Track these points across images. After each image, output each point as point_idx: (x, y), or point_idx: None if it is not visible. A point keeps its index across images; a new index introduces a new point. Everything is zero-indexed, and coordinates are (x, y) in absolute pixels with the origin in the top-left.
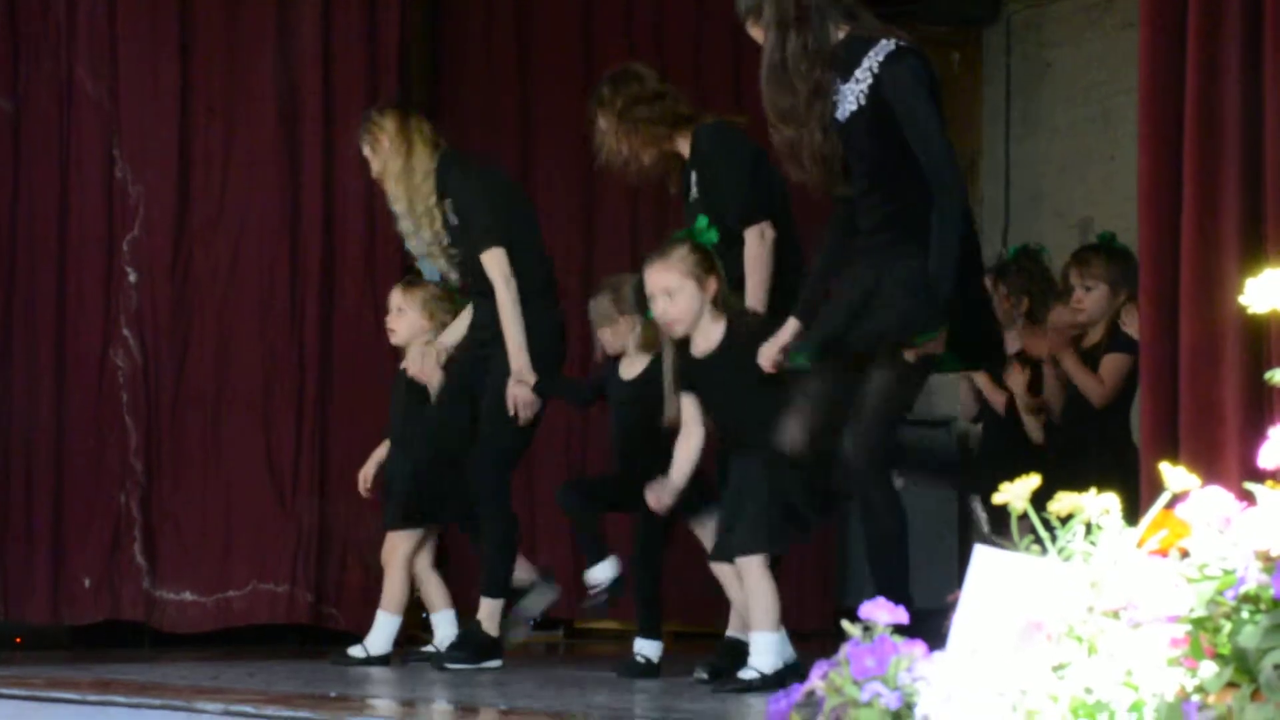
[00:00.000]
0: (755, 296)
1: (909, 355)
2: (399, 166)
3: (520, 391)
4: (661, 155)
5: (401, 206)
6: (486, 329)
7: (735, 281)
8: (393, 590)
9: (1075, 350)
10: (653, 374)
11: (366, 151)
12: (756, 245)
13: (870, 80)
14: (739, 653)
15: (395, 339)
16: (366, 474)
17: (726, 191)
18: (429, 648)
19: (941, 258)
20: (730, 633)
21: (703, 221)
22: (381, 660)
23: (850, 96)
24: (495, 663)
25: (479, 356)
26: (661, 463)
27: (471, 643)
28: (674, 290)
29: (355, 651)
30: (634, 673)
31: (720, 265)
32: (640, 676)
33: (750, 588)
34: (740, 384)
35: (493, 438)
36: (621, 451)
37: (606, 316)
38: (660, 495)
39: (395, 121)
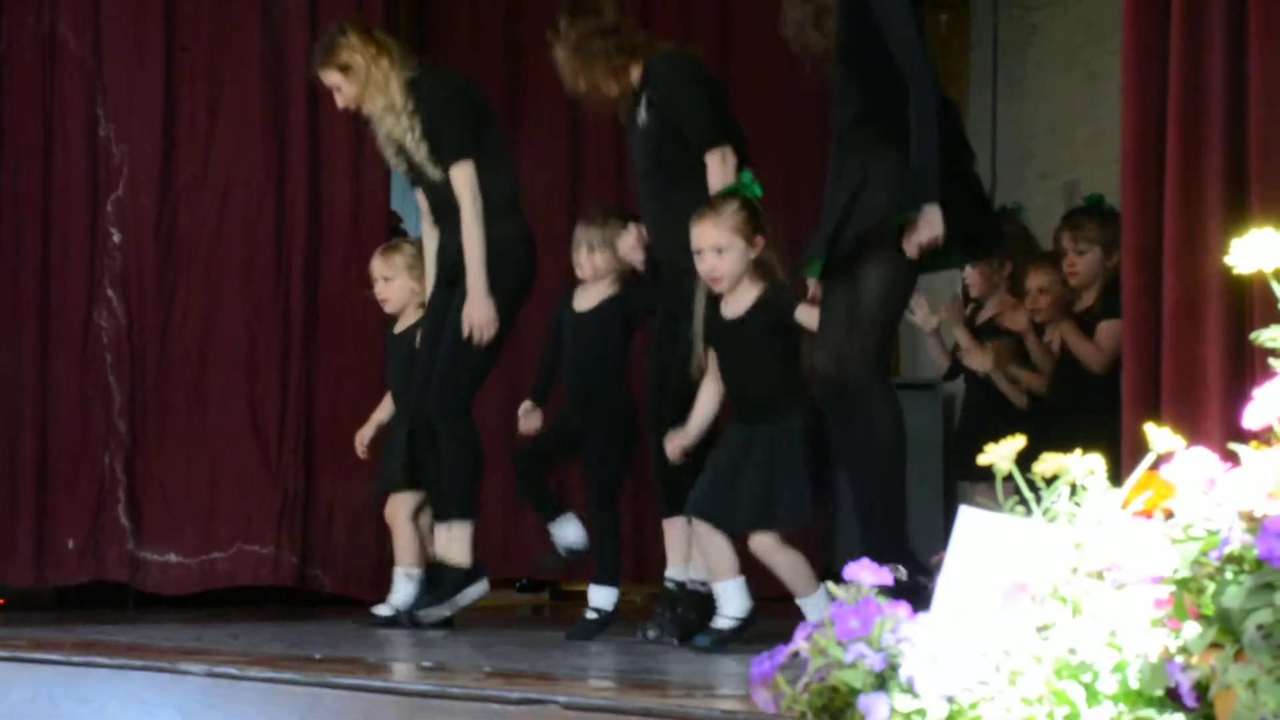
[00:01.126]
0: None
1: (908, 248)
2: (379, 74)
3: (477, 312)
4: (620, 87)
5: (379, 110)
6: (449, 253)
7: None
8: (404, 546)
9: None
10: (606, 310)
11: (335, 78)
12: (719, 169)
13: None
14: (686, 599)
15: (389, 307)
16: (364, 436)
17: (687, 115)
18: (382, 608)
19: (922, 146)
20: (669, 574)
21: (747, 176)
22: (420, 622)
23: None
24: (478, 588)
25: (448, 297)
26: (610, 398)
27: (436, 587)
28: (724, 247)
29: (381, 610)
30: (589, 632)
31: (767, 224)
32: (598, 631)
33: (779, 565)
34: (757, 355)
35: (452, 357)
36: (571, 382)
37: (607, 243)
38: (677, 444)
39: (361, 36)
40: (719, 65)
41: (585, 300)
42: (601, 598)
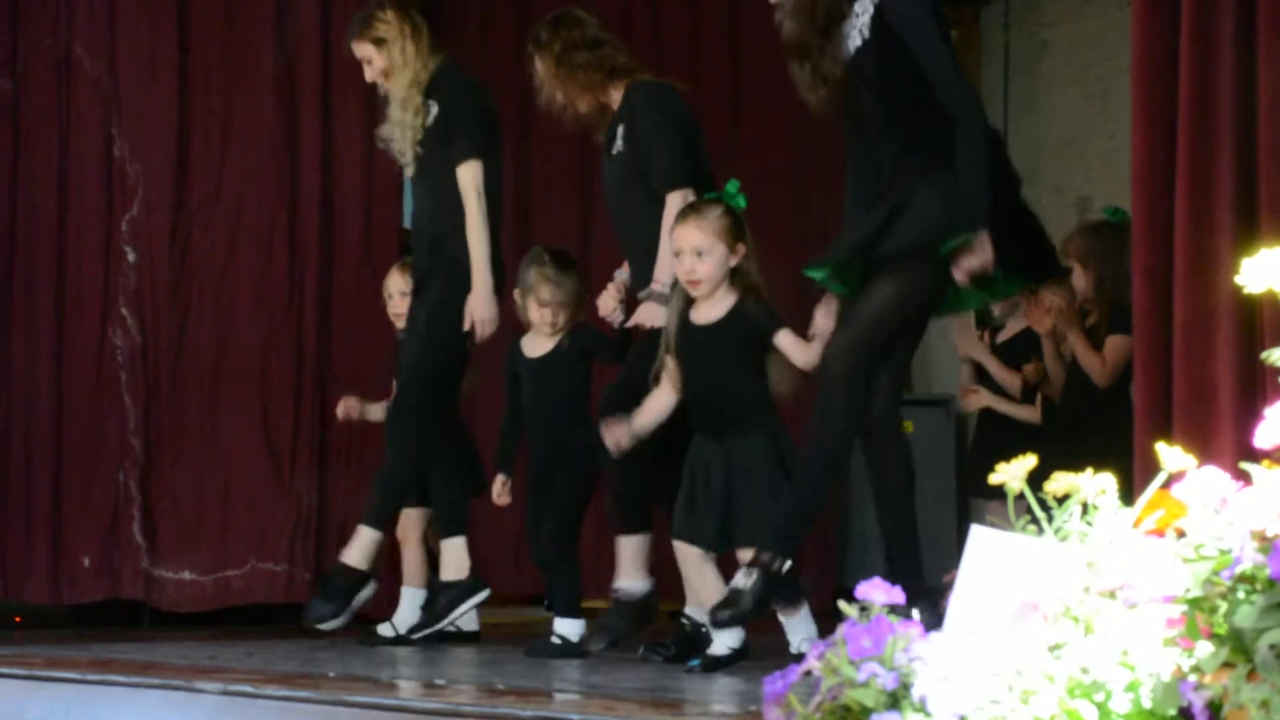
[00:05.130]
0: (665, 263)
1: (958, 274)
2: (411, 52)
3: (479, 308)
4: (596, 104)
5: (403, 86)
6: (419, 269)
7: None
8: (411, 565)
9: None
10: (563, 352)
11: (368, 50)
12: (676, 211)
13: (872, 10)
14: (695, 635)
15: (404, 323)
16: (354, 408)
17: (657, 151)
18: (384, 627)
19: (970, 172)
20: (688, 610)
21: (733, 186)
22: (409, 638)
23: (853, 32)
24: (481, 594)
25: (416, 305)
26: (574, 439)
27: (430, 605)
28: (705, 250)
29: (384, 630)
30: (548, 653)
31: (749, 233)
32: (557, 657)
33: (709, 584)
34: (726, 364)
35: (422, 364)
36: (535, 428)
37: (567, 298)
38: (619, 435)
39: (399, 12)
40: (729, 86)
41: (538, 346)
42: (568, 628)
